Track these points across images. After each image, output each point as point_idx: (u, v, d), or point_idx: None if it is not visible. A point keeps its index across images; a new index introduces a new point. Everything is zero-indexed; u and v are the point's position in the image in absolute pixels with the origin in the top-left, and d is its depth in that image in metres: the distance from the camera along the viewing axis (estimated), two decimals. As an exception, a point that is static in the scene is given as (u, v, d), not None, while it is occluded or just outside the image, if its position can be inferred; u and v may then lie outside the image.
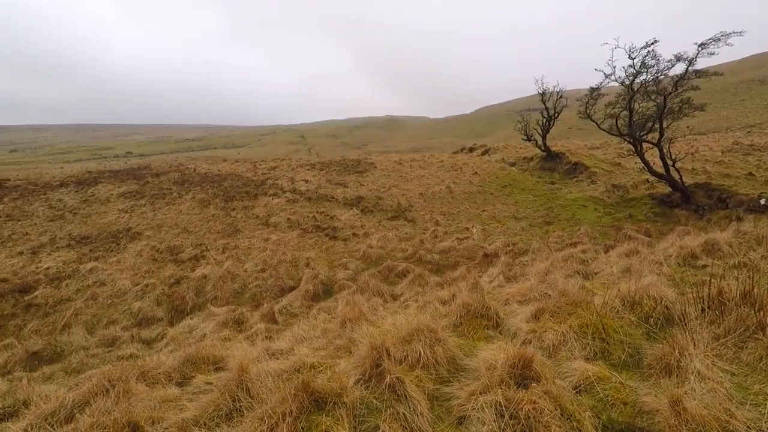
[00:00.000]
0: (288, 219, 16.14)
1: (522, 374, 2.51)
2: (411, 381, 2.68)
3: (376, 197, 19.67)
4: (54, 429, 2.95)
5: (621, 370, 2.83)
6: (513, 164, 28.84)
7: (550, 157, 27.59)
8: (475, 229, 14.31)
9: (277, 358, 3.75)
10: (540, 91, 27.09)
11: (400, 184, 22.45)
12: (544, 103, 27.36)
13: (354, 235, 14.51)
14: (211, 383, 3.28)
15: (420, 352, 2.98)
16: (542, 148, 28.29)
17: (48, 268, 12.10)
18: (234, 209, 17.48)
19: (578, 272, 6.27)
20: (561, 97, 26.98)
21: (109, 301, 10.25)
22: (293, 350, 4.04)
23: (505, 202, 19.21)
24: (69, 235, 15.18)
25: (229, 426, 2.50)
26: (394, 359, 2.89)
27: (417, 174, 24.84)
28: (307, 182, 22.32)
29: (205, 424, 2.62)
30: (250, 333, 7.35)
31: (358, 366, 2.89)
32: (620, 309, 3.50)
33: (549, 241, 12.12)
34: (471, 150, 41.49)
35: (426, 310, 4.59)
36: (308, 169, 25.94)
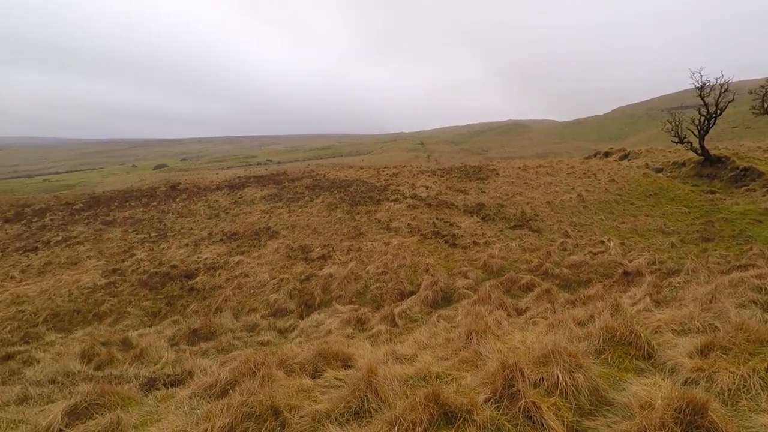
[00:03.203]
0: (408, 224, 16.44)
1: (692, 421, 2.11)
2: (548, 408, 2.45)
3: (498, 205, 18.93)
4: (212, 401, 3.36)
5: (835, 435, 2.21)
6: (659, 170, 25.21)
7: (709, 161, 23.43)
8: (611, 243, 12.83)
9: (402, 363, 3.78)
10: (697, 85, 23.10)
11: (525, 191, 21.26)
12: (702, 98, 23.20)
13: (474, 243, 14.14)
14: (341, 379, 3.43)
15: (558, 377, 2.72)
16: (699, 151, 24.13)
17: (206, 259, 14.18)
18: (358, 213, 18.43)
19: (754, 302, 5.15)
20: (725, 90, 22.57)
21: (251, 291, 11.59)
22: (417, 357, 4.03)
23: (650, 214, 16.89)
24: (222, 231, 17.61)
25: (359, 425, 2.56)
26: (528, 381, 2.68)
27: (543, 181, 23.28)
28: (427, 188, 22.49)
29: (336, 419, 2.72)
30: (371, 333, 7.61)
31: (488, 383, 2.75)
32: (828, 355, 2.76)
33: (708, 262, 10.25)
34: (606, 155, 37.47)
35: (559, 330, 4.21)
36: (429, 176, 26.12)
